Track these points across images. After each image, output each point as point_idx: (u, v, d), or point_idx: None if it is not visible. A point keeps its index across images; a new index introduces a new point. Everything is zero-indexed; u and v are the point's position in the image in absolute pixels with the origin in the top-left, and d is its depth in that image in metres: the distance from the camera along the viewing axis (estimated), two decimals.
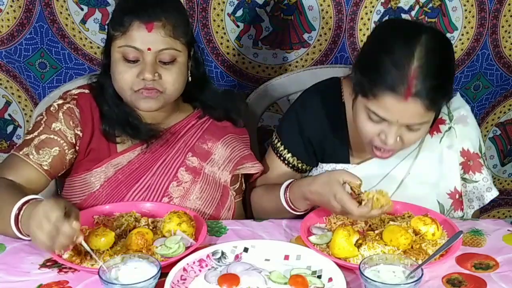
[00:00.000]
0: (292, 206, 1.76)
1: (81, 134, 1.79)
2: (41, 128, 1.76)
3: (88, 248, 1.45)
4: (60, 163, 1.77)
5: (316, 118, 1.89)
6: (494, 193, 1.91)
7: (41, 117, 1.79)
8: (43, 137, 1.75)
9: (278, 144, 1.94)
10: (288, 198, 1.76)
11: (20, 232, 1.51)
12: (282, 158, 1.93)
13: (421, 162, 1.86)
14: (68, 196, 1.81)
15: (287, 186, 1.78)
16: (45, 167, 1.73)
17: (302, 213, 1.77)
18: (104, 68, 1.81)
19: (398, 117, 1.62)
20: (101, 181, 1.78)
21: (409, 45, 1.60)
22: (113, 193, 1.78)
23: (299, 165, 1.92)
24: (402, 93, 1.58)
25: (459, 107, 1.91)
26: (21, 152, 1.73)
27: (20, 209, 1.50)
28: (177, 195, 1.81)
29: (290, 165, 1.92)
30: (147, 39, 1.69)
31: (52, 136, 1.75)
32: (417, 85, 1.57)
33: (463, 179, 1.90)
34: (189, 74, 1.82)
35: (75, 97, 1.81)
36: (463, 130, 1.89)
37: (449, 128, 1.89)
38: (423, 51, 1.59)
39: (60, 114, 1.78)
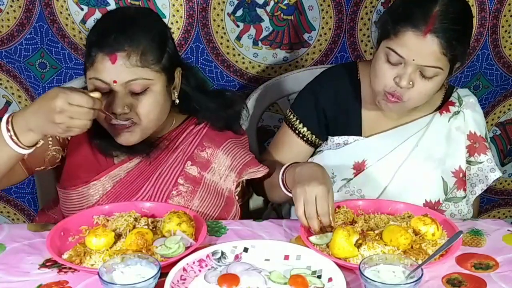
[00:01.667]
0: (286, 186, 1.77)
1: (69, 138, 1.78)
2: None
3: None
4: (40, 157, 1.73)
5: (332, 92, 1.99)
6: (497, 174, 1.98)
7: None
8: None
9: (291, 116, 2.02)
10: (285, 177, 1.78)
11: (18, 144, 1.50)
12: (294, 129, 2.01)
13: (429, 137, 1.94)
14: (66, 209, 1.80)
15: (285, 168, 1.79)
16: None
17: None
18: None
19: (415, 55, 1.73)
20: (100, 194, 1.77)
21: None
22: None
23: (311, 137, 2.00)
24: (421, 29, 1.71)
25: (468, 95, 2.01)
26: None
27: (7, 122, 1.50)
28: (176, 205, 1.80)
29: (301, 136, 2.00)
30: (112, 71, 1.61)
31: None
32: (436, 24, 1.71)
33: (468, 162, 1.96)
34: (175, 96, 1.77)
35: None
36: (472, 114, 1.98)
37: (458, 111, 1.97)
38: (446, 0, 1.73)
39: None
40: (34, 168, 1.76)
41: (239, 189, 1.93)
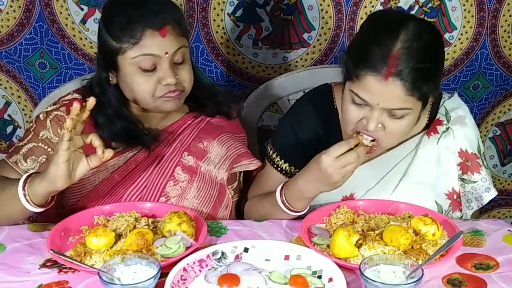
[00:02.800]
0: (289, 206, 1.74)
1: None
2: (29, 136, 1.77)
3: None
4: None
5: (310, 126, 1.90)
6: (492, 194, 1.88)
7: (31, 124, 1.80)
8: (30, 145, 1.76)
9: (274, 155, 1.93)
10: (284, 198, 1.74)
11: (28, 202, 1.57)
12: (279, 169, 1.92)
13: (418, 163, 1.84)
14: (63, 197, 1.80)
15: (282, 187, 1.76)
16: None
17: (299, 213, 1.76)
18: (101, 81, 1.77)
19: (379, 99, 1.62)
20: (96, 182, 1.79)
21: (395, 29, 1.61)
22: (110, 194, 1.78)
23: (295, 172, 1.89)
24: (382, 73, 1.58)
25: (457, 108, 1.89)
26: (10, 160, 1.76)
27: (25, 182, 1.57)
28: (174, 195, 1.81)
29: (288, 175, 1.91)
30: (163, 44, 1.68)
31: (39, 145, 1.76)
32: (398, 66, 1.58)
33: (462, 179, 1.88)
34: None
35: (66, 102, 1.81)
36: (461, 130, 1.86)
37: (447, 129, 1.87)
38: (408, 35, 1.60)
39: (48, 122, 1.77)
40: None
41: (235, 184, 1.94)
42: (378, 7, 2.43)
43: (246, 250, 1.55)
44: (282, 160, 1.92)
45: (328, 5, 2.41)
